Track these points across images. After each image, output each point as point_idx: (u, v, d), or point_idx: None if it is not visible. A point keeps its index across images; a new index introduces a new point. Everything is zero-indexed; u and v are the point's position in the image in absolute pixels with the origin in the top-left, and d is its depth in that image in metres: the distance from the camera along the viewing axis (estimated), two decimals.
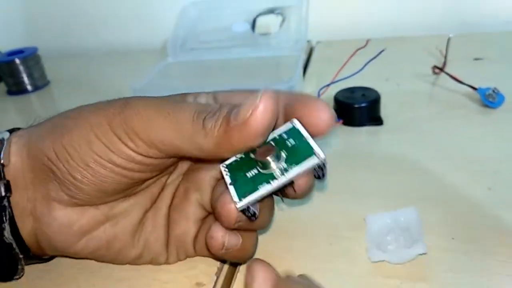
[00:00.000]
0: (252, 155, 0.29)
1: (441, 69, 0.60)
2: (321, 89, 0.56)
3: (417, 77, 0.64)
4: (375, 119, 0.54)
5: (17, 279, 0.37)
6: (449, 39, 0.61)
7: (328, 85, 0.56)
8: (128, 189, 0.34)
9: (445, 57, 0.61)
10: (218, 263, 0.36)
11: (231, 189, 0.29)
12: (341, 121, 0.54)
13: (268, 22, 0.74)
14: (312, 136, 0.29)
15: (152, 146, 0.30)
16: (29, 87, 0.81)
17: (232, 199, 0.29)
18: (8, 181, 0.34)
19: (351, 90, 0.55)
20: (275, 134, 0.30)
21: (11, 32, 1.04)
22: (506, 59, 0.66)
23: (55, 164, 0.32)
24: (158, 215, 0.36)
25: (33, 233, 0.35)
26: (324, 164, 0.28)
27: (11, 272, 0.36)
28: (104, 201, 0.34)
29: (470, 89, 0.55)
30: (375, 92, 0.55)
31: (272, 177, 0.28)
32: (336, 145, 0.51)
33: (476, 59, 0.66)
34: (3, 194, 0.34)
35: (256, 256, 0.36)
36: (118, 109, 0.31)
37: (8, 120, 0.73)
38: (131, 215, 0.35)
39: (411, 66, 0.67)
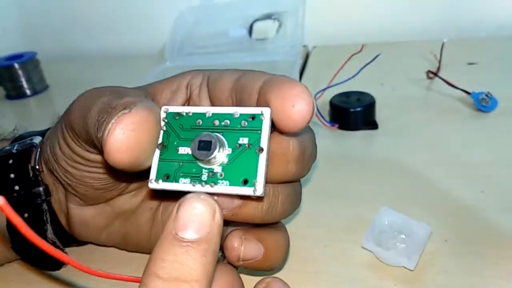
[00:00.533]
0: (199, 120, 0.26)
1: (435, 74, 0.60)
2: (317, 93, 0.56)
3: (412, 81, 0.64)
4: (370, 123, 0.54)
5: (64, 267, 0.38)
6: (443, 44, 0.61)
7: (324, 89, 0.57)
8: (122, 184, 0.34)
9: (439, 62, 0.62)
10: None
11: (156, 155, 0.26)
12: (336, 125, 0.54)
13: (265, 28, 0.74)
14: (284, 131, 0.25)
15: (87, 144, 0.29)
16: (28, 92, 0.81)
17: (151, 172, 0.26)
18: (46, 186, 0.35)
19: (347, 94, 0.56)
20: (238, 111, 0.26)
21: (10, 37, 1.04)
22: (499, 64, 0.66)
23: (53, 172, 0.34)
24: (167, 213, 0.35)
25: (69, 228, 0.37)
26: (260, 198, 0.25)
27: (58, 264, 0.37)
28: (107, 198, 0.35)
29: (464, 94, 0.55)
30: (370, 96, 0.55)
31: (199, 178, 0.25)
32: (331, 149, 0.51)
33: (470, 63, 0.67)
34: (44, 198, 0.35)
35: None
36: (67, 110, 0.31)
37: (7, 125, 0.72)
38: (139, 212, 0.36)
39: (405, 71, 0.67)
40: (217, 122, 0.26)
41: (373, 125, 0.54)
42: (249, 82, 0.28)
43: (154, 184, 0.26)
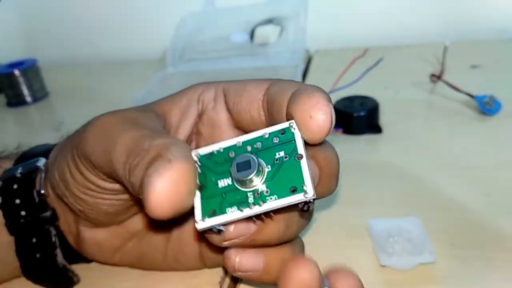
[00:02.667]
0: (231, 152, 0.26)
1: (439, 77, 0.60)
2: None
3: (415, 85, 0.64)
4: (374, 127, 0.54)
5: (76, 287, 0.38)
6: (446, 47, 0.61)
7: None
8: (133, 207, 0.33)
9: (442, 65, 0.61)
10: (221, 272, 0.36)
11: (197, 196, 0.25)
12: (340, 129, 0.54)
13: (267, 32, 0.74)
14: (307, 142, 0.25)
15: (106, 176, 0.29)
16: (28, 99, 0.81)
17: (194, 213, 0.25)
18: (54, 210, 0.35)
19: (350, 99, 0.56)
20: (266, 131, 0.25)
21: (11, 44, 1.04)
22: (502, 67, 0.66)
23: (62, 198, 0.33)
24: (183, 231, 0.34)
25: (79, 249, 0.36)
26: (312, 202, 0.24)
27: (68, 285, 0.37)
28: (120, 221, 0.34)
29: (467, 97, 0.55)
30: (374, 100, 0.55)
31: (245, 202, 0.24)
32: None
33: (473, 66, 0.67)
34: (51, 222, 0.35)
35: None
36: (79, 136, 0.30)
37: (8, 132, 0.73)
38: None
39: (409, 75, 0.67)
40: (249, 148, 0.26)
41: (377, 129, 0.54)
42: (278, 93, 0.27)
43: (201, 223, 0.25)
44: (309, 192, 0.23)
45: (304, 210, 0.25)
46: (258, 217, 0.25)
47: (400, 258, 0.34)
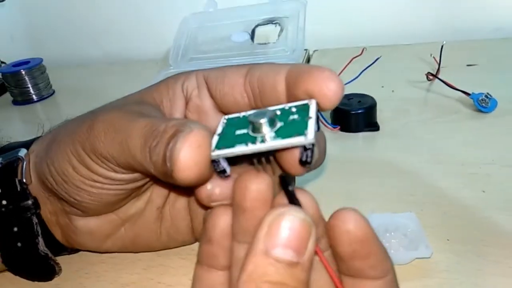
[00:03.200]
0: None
1: (435, 76, 0.61)
2: None
3: (412, 83, 0.64)
4: (372, 125, 0.55)
5: (56, 277, 0.38)
6: (442, 46, 0.61)
7: None
8: (132, 194, 0.34)
9: (439, 63, 0.62)
10: None
11: (214, 139, 0.27)
12: (338, 127, 0.55)
13: (267, 32, 0.75)
14: (322, 109, 0.27)
15: (120, 166, 0.30)
16: (34, 97, 0.82)
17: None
18: (35, 198, 0.35)
19: (348, 97, 0.56)
20: (287, 105, 0.28)
21: (17, 43, 1.05)
22: (498, 65, 0.67)
23: (56, 189, 0.33)
24: (175, 208, 0.36)
25: (65, 239, 0.37)
26: (311, 150, 0.26)
27: (50, 274, 0.38)
28: (115, 209, 0.35)
29: (464, 95, 0.56)
30: (371, 98, 0.56)
31: (253, 140, 0.26)
32: (334, 151, 0.51)
33: (469, 65, 0.67)
34: (33, 211, 0.35)
35: None
36: (85, 132, 0.31)
37: (14, 130, 0.73)
38: (145, 213, 0.36)
39: (405, 73, 0.67)
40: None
41: (374, 127, 0.54)
42: (268, 74, 0.29)
43: (212, 153, 0.26)
44: (309, 136, 0.25)
45: (303, 162, 0.26)
46: (259, 161, 0.27)
47: (396, 253, 0.35)
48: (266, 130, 0.26)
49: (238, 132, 0.27)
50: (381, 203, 0.42)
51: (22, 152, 0.36)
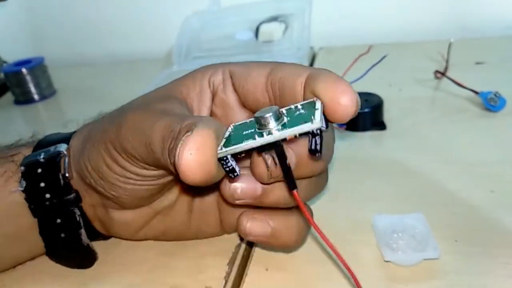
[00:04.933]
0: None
1: (443, 74, 0.60)
2: None
3: (419, 82, 0.64)
4: (378, 124, 0.54)
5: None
6: (450, 44, 0.61)
7: None
8: (165, 188, 0.35)
9: (447, 61, 0.61)
10: (226, 267, 0.37)
11: (222, 142, 0.27)
12: (344, 126, 0.54)
13: (271, 30, 0.74)
14: (332, 121, 0.27)
15: (149, 165, 0.31)
16: (36, 97, 0.81)
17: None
18: (77, 192, 0.36)
19: None
20: (294, 104, 0.28)
21: (18, 42, 1.05)
22: (507, 63, 0.66)
23: (93, 185, 0.35)
24: (204, 202, 0.37)
25: (102, 228, 0.38)
26: (320, 136, 0.26)
27: (91, 262, 0.39)
28: (150, 202, 0.36)
29: (472, 93, 0.55)
30: (378, 97, 0.55)
31: (260, 134, 0.26)
32: (340, 150, 0.51)
33: (478, 63, 0.67)
34: (75, 204, 0.37)
35: (269, 264, 0.36)
36: (115, 131, 0.31)
37: (16, 129, 0.73)
38: (176, 206, 0.37)
39: (413, 71, 0.67)
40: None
41: (381, 126, 0.54)
42: (289, 77, 0.30)
43: (219, 152, 0.26)
44: (316, 121, 0.25)
45: (313, 150, 0.26)
46: (267, 153, 0.28)
47: (404, 254, 0.34)
48: (273, 125, 0.26)
49: (245, 132, 0.27)
50: (388, 203, 0.42)
51: (63, 147, 0.37)
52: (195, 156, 0.25)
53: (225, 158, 0.27)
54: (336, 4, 0.85)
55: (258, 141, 0.26)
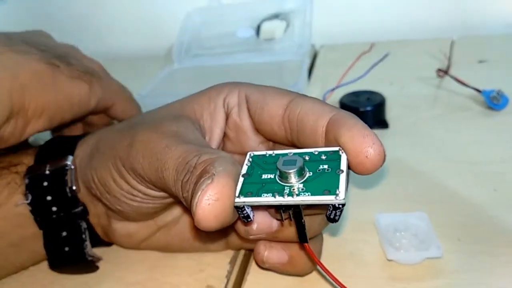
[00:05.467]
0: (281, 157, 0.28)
1: (445, 72, 0.60)
2: (326, 93, 0.56)
3: (422, 80, 0.64)
4: (381, 123, 0.54)
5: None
6: (452, 42, 0.61)
7: (333, 89, 0.56)
8: (169, 205, 0.35)
9: (449, 60, 0.61)
10: (228, 266, 0.36)
11: (240, 181, 0.27)
12: None
13: (273, 28, 0.74)
14: (356, 173, 0.27)
15: (158, 188, 0.31)
16: None
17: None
18: (84, 205, 0.36)
19: (356, 94, 0.56)
20: (317, 150, 0.27)
21: None
22: (510, 61, 0.66)
23: (99, 197, 0.34)
24: None
25: (105, 237, 0.38)
26: (341, 209, 0.25)
27: (90, 271, 0.38)
28: (154, 217, 0.36)
29: (475, 92, 0.55)
30: (380, 95, 0.55)
31: (281, 192, 0.25)
32: None
33: (480, 61, 0.67)
34: (82, 217, 0.36)
35: None
36: (125, 149, 0.31)
37: None
38: (181, 222, 0.36)
39: (415, 69, 0.67)
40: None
41: (383, 124, 0.54)
42: (310, 116, 0.29)
43: (237, 199, 0.26)
44: (341, 196, 0.24)
45: (331, 219, 0.26)
46: (285, 211, 0.27)
47: (407, 252, 0.34)
48: (294, 180, 0.26)
49: (265, 176, 0.27)
50: (390, 202, 0.41)
51: (69, 159, 0.36)
52: (213, 207, 0.24)
53: (241, 207, 0.26)
54: (338, 2, 0.85)
55: (278, 200, 0.25)
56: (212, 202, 0.24)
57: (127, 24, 0.98)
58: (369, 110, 0.53)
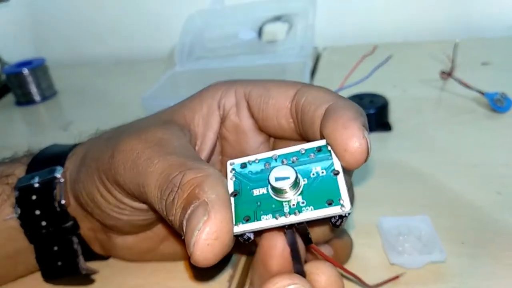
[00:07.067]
0: (267, 164, 0.26)
1: (449, 74, 0.60)
2: None
3: (425, 82, 0.64)
4: (384, 125, 0.54)
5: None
6: (456, 44, 0.61)
7: (336, 91, 0.56)
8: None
9: (453, 62, 0.61)
10: (230, 270, 0.36)
11: (231, 201, 0.24)
12: None
13: (275, 30, 0.74)
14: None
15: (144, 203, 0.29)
16: (37, 98, 0.81)
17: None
18: (74, 219, 0.35)
19: (359, 96, 0.56)
20: (303, 147, 0.26)
21: (19, 43, 1.04)
22: None
23: (90, 212, 0.33)
24: None
25: (104, 252, 0.37)
26: (346, 217, 0.24)
27: (86, 284, 0.37)
28: (150, 229, 0.35)
29: (478, 94, 0.55)
30: (383, 98, 0.55)
31: (281, 211, 0.23)
32: None
33: (484, 64, 0.66)
34: (73, 232, 0.35)
35: None
36: (107, 161, 0.29)
37: (17, 131, 0.73)
38: None
39: (418, 72, 0.67)
40: (285, 161, 0.25)
41: (386, 127, 0.54)
42: (309, 105, 0.27)
43: (235, 228, 0.24)
44: (346, 205, 0.23)
45: (336, 226, 0.24)
46: (289, 226, 0.24)
47: (410, 256, 0.34)
48: (291, 194, 0.24)
49: (256, 192, 0.25)
50: (393, 205, 0.41)
51: (58, 172, 0.35)
52: (213, 247, 0.22)
53: (241, 234, 0.24)
54: (340, 4, 0.85)
55: (281, 222, 0.23)
56: (211, 242, 0.22)
57: (128, 27, 0.98)
58: (372, 113, 0.53)
